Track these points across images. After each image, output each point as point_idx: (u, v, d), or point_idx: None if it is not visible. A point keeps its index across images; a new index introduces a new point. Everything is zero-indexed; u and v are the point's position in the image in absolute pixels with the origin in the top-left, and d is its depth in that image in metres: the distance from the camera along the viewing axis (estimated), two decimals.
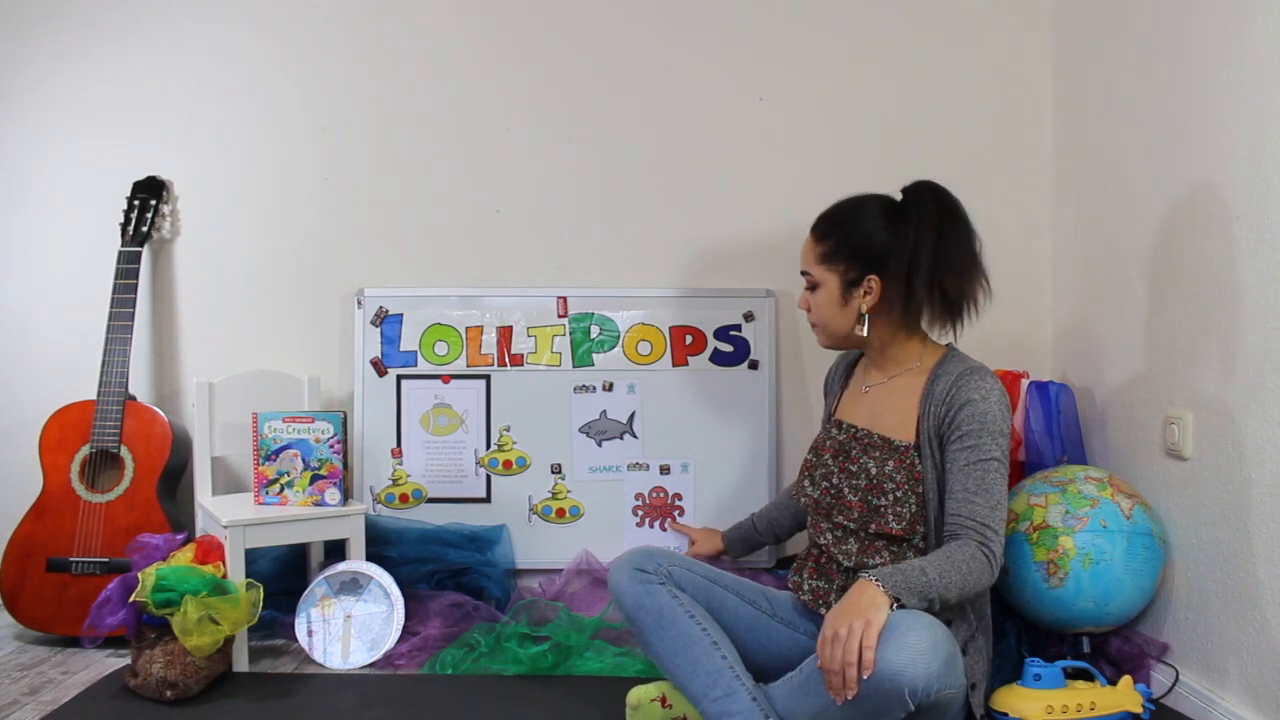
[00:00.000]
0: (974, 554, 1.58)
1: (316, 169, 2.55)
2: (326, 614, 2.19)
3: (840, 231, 1.76)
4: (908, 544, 1.70)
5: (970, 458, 1.63)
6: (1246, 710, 1.74)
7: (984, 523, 1.61)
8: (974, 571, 1.57)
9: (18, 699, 1.96)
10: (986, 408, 1.64)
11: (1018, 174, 2.50)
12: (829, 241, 1.77)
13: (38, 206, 2.55)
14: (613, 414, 2.49)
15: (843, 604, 1.49)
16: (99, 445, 2.29)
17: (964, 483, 1.63)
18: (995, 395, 1.66)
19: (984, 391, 1.66)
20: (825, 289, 1.78)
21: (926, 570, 1.53)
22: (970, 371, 1.69)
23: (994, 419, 1.64)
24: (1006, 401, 1.68)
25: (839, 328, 1.79)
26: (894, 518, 1.69)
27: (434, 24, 2.54)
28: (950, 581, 1.53)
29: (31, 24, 2.53)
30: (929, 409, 1.70)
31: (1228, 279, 1.78)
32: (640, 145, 2.54)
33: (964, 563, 1.56)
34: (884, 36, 2.51)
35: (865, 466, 1.74)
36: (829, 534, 1.78)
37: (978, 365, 1.72)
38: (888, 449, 1.73)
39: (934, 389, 1.70)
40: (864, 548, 1.73)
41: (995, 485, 1.63)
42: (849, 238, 1.75)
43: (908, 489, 1.68)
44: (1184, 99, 1.91)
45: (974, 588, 1.58)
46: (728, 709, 1.59)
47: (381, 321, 2.50)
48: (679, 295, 2.51)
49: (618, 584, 1.75)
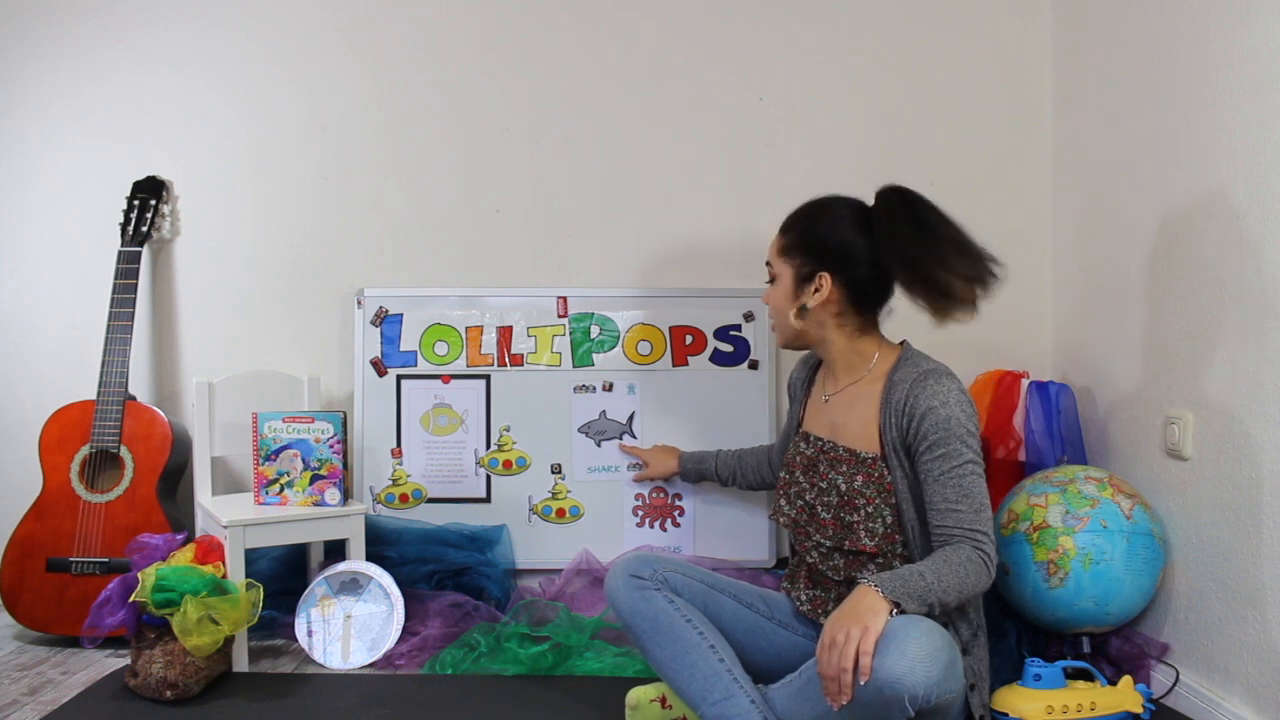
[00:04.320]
0: (970, 556, 1.57)
1: (316, 169, 2.55)
2: (326, 614, 2.19)
3: (802, 226, 1.77)
4: (890, 556, 1.69)
5: (944, 466, 1.61)
6: (1247, 710, 1.74)
7: (971, 528, 1.59)
8: (972, 574, 1.56)
9: (18, 699, 1.96)
10: (948, 412, 1.61)
11: (1018, 174, 2.50)
12: (791, 235, 1.78)
13: (38, 206, 2.55)
14: (612, 414, 2.49)
15: (842, 610, 1.48)
16: (99, 445, 2.29)
17: (943, 494, 1.61)
18: (955, 396, 1.63)
19: (942, 396, 1.62)
20: (780, 281, 1.78)
21: (925, 575, 1.52)
22: (924, 376, 1.65)
23: (958, 422, 1.61)
24: (967, 399, 1.65)
25: (787, 323, 1.79)
26: (866, 534, 1.67)
27: (434, 24, 2.54)
28: (949, 585, 1.53)
29: (31, 24, 2.53)
30: (889, 419, 1.67)
31: (1228, 279, 1.78)
32: (640, 145, 2.54)
33: (961, 565, 1.56)
34: (885, 37, 2.51)
35: (835, 482, 1.73)
36: (814, 552, 1.77)
37: (932, 367, 1.67)
38: (855, 462, 1.71)
39: (891, 397, 1.67)
40: (849, 563, 1.72)
41: (975, 489, 1.61)
42: (807, 233, 1.75)
43: (880, 502, 1.67)
44: (1184, 99, 1.91)
45: (973, 590, 1.57)
46: (727, 712, 1.58)
47: (381, 321, 2.50)
48: (679, 295, 2.50)
49: (613, 591, 1.74)
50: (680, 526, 2.48)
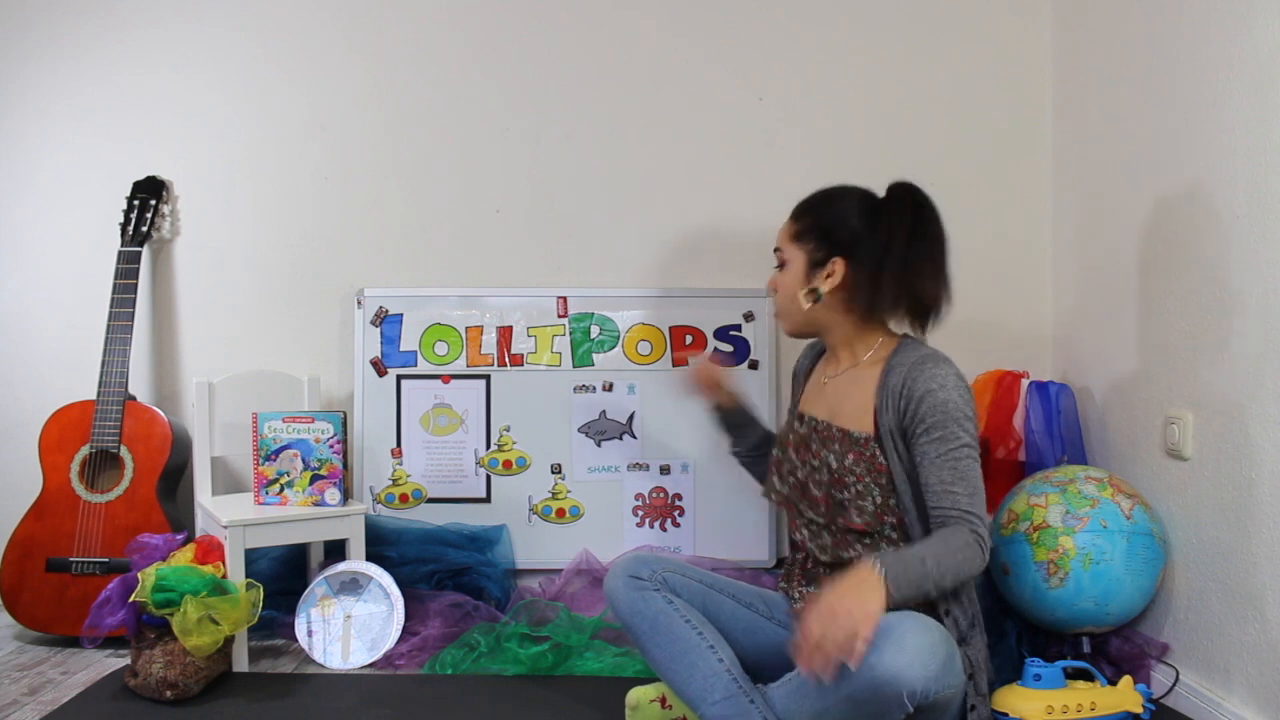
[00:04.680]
0: (968, 540, 1.59)
1: (316, 169, 2.55)
2: (326, 614, 2.19)
3: (815, 212, 1.78)
4: (879, 536, 1.69)
5: (940, 449, 1.62)
6: (1247, 710, 1.74)
7: (967, 510, 1.61)
8: (968, 559, 1.58)
9: (18, 699, 1.96)
10: (946, 395, 1.62)
11: (1018, 174, 2.50)
12: (803, 221, 1.79)
13: (38, 206, 2.55)
14: (612, 414, 2.49)
15: (844, 586, 1.47)
16: (99, 445, 2.29)
17: (939, 475, 1.62)
18: (953, 381, 1.64)
19: (940, 380, 1.63)
20: (792, 266, 1.78)
21: (926, 560, 1.54)
22: (923, 360, 1.66)
23: (956, 405, 1.62)
24: (965, 385, 1.66)
25: (795, 308, 1.79)
26: (856, 512, 1.68)
27: (434, 24, 2.54)
28: (947, 569, 1.55)
29: (31, 24, 2.53)
30: (885, 400, 1.68)
31: (1227, 279, 1.78)
32: (640, 145, 2.54)
33: (959, 550, 1.57)
34: (885, 37, 2.51)
35: (826, 460, 1.73)
36: (804, 529, 1.79)
37: (931, 353, 1.69)
38: (847, 441, 1.72)
39: (889, 380, 1.69)
40: (837, 541, 1.72)
41: (970, 471, 1.62)
42: (821, 218, 1.76)
43: (869, 481, 1.68)
44: (1184, 99, 1.91)
45: (968, 574, 1.60)
46: (726, 712, 1.58)
47: (381, 321, 2.50)
48: (679, 295, 2.50)
49: (613, 591, 1.74)
50: (680, 526, 2.48)
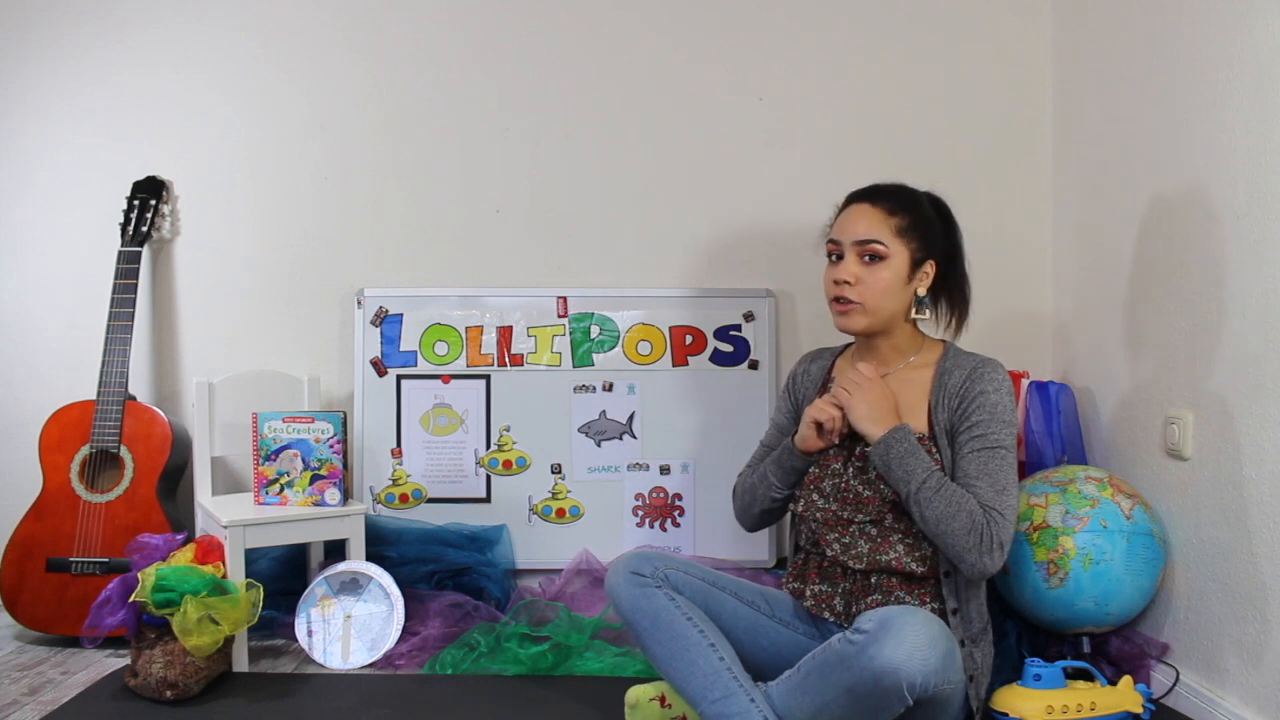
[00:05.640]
0: (975, 511, 1.60)
1: (316, 169, 2.55)
2: (326, 614, 2.19)
3: (914, 211, 1.75)
4: (923, 534, 1.69)
5: (976, 445, 1.66)
6: (1247, 710, 1.74)
7: (988, 504, 1.62)
8: (964, 527, 1.59)
9: (18, 699, 1.96)
10: (998, 399, 1.69)
11: (1018, 174, 2.50)
12: (904, 216, 1.74)
13: (38, 206, 2.55)
14: (612, 414, 2.49)
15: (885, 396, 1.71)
16: (99, 445, 2.29)
17: (966, 468, 1.66)
18: (1006, 387, 1.71)
19: (996, 383, 1.70)
20: (895, 262, 1.72)
21: (931, 474, 1.61)
22: (984, 363, 1.74)
23: (1004, 409, 1.69)
24: (1014, 394, 1.75)
25: (892, 306, 1.73)
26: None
27: (434, 24, 2.54)
28: (936, 505, 1.60)
29: (31, 24, 2.53)
30: (941, 400, 1.72)
31: (1227, 279, 1.78)
32: (640, 145, 2.54)
33: (960, 512, 1.60)
34: (884, 36, 2.51)
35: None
36: (836, 544, 1.76)
37: (988, 358, 1.76)
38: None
39: (947, 382, 1.72)
40: (876, 546, 1.72)
41: (1000, 471, 1.65)
42: (921, 218, 1.75)
43: None
44: (1184, 99, 1.91)
45: (957, 541, 1.60)
46: (726, 710, 1.58)
47: (381, 321, 2.50)
48: (679, 295, 2.50)
49: (614, 588, 1.74)
50: (680, 526, 2.48)
